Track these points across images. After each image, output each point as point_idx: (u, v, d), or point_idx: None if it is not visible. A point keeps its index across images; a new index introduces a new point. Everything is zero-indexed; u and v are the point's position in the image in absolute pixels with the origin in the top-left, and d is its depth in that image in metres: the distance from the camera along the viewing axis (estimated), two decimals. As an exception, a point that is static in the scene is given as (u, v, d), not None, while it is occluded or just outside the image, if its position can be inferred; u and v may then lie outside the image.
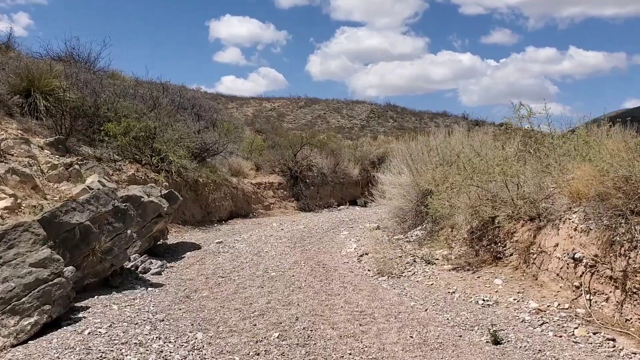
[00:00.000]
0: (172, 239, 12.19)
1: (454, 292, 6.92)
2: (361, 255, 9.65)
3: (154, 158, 13.90)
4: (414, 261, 8.41)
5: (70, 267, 6.32)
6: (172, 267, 9.34)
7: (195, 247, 11.38)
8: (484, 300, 6.48)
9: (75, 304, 6.42)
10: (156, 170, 14.16)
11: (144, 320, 5.85)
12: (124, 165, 13.72)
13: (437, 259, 8.44)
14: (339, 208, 21.07)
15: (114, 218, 7.64)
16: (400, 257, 8.75)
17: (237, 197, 17.26)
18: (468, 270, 7.70)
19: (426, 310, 6.26)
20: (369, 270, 8.51)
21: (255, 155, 21.10)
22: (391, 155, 23.53)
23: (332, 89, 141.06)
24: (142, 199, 10.02)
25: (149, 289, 7.54)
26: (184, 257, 10.30)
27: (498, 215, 7.77)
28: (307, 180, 20.62)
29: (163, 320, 5.94)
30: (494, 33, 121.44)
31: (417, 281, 7.62)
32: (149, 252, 10.29)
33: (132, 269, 8.64)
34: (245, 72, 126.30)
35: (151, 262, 9.28)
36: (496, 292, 6.74)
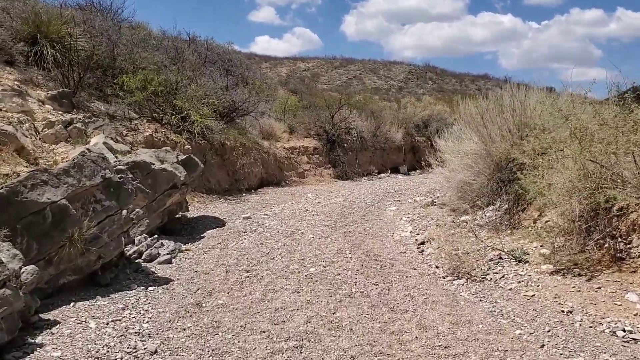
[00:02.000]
0: (193, 211, 10.32)
1: (570, 312, 4.78)
2: (422, 243, 7.55)
3: (174, 117, 11.92)
4: (499, 258, 6.27)
5: (31, 267, 4.41)
6: (187, 251, 7.43)
7: (218, 222, 9.47)
8: (624, 330, 4.34)
9: (42, 315, 4.55)
10: (177, 131, 12.21)
11: (127, 354, 3.92)
12: (140, 125, 11.83)
13: (529, 254, 6.28)
14: (379, 176, 18.92)
15: (104, 194, 5.68)
16: (478, 250, 6.61)
17: (269, 162, 15.26)
18: (579, 275, 5.53)
19: (543, 346, 4.15)
20: (437, 268, 6.41)
21: (289, 116, 18.98)
22: (453, 117, 21.21)
23: (368, 50, 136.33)
24: (153, 167, 8.10)
25: (150, 288, 5.63)
26: (203, 236, 8.39)
27: (617, 201, 5.58)
28: (345, 145, 18.46)
29: (156, 352, 4.00)
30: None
31: (510, 289, 5.49)
32: (162, 230, 8.44)
33: (134, 256, 6.75)
34: (280, 32, 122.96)
35: (162, 245, 7.40)
36: (636, 315, 4.59)
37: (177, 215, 9.39)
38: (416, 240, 7.81)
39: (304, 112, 19.35)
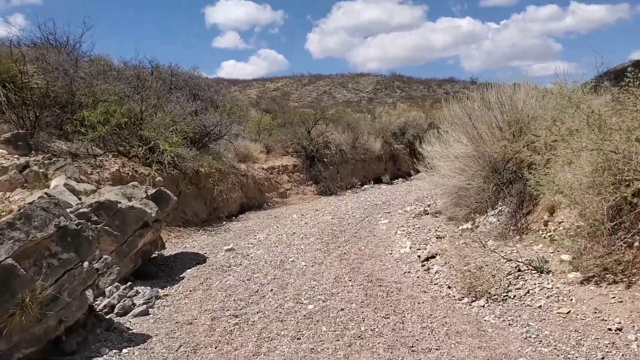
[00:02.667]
0: (171, 248, 9.44)
1: (620, 330, 4.04)
2: (426, 260, 6.78)
3: (141, 148, 11.04)
4: (518, 270, 5.52)
5: (-33, 350, 3.53)
6: (165, 296, 6.56)
7: (199, 258, 8.59)
8: (692, 350, 3.62)
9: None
10: (147, 163, 11.33)
11: None
12: (106, 160, 10.90)
13: (548, 262, 5.55)
14: (362, 188, 18.19)
15: (60, 246, 4.79)
16: (492, 262, 5.85)
17: (248, 186, 14.42)
18: (614, 282, 4.81)
19: (603, 380, 3.41)
20: (449, 288, 5.64)
21: (264, 136, 18.19)
22: (428, 122, 20.63)
23: (334, 65, 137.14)
24: (120, 205, 7.23)
25: (125, 350, 4.74)
26: (183, 277, 7.51)
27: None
28: (325, 160, 17.71)
29: None
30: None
31: (540, 307, 4.74)
32: (137, 275, 7.53)
33: (106, 310, 5.85)
34: (245, 56, 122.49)
35: (137, 293, 6.51)
36: (698, 326, 3.88)
37: (154, 255, 8.52)
38: (419, 257, 7.03)
39: (280, 130, 18.58)
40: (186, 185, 12.04)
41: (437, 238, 7.78)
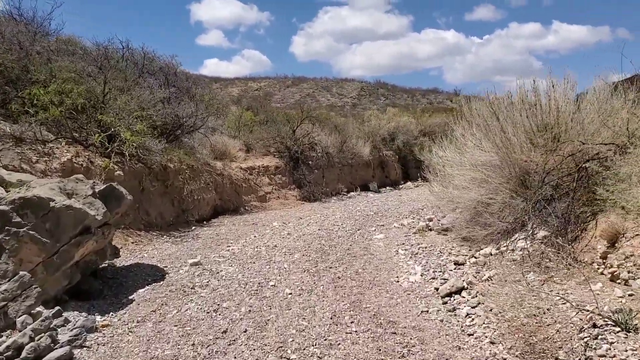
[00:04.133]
0: (126, 257, 7.72)
1: None
2: (449, 295, 5.16)
3: (97, 136, 9.24)
4: (593, 325, 3.93)
5: None
6: (103, 329, 4.84)
7: (157, 273, 6.87)
8: None
9: None
10: (106, 153, 9.54)
11: None
12: (57, 148, 9.10)
13: (632, 314, 3.99)
14: (349, 195, 16.59)
15: None
16: (551, 310, 4.25)
17: (223, 186, 12.69)
18: None
19: None
20: (493, 344, 4.00)
21: (244, 132, 16.48)
22: (418, 129, 19.14)
23: (318, 70, 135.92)
24: (53, 204, 5.51)
25: None
26: (132, 299, 5.79)
27: None
28: (310, 163, 16.07)
29: None
30: (477, 9, 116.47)
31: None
32: (73, 293, 5.79)
33: (9, 354, 4.10)
34: (229, 55, 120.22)
35: (65, 323, 4.80)
36: None
37: (103, 265, 6.82)
38: (436, 289, 5.41)
39: (262, 128, 16.88)
40: (151, 181, 10.28)
41: (455, 264, 6.17)
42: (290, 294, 5.56)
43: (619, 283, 4.70)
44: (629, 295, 4.40)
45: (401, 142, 20.11)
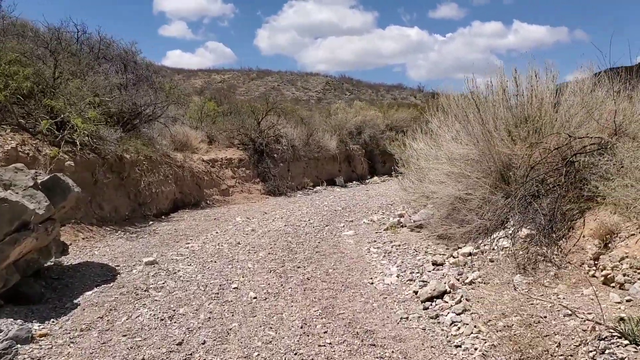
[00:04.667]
0: (75, 254, 7.02)
1: None
2: (430, 300, 4.68)
3: (45, 122, 8.43)
4: (599, 337, 3.50)
5: None
6: (40, 340, 4.18)
7: (107, 273, 6.19)
8: None
9: None
10: (56, 142, 8.75)
11: None
12: (0, 136, 8.28)
13: (633, 323, 3.59)
14: (315, 190, 16.06)
15: None
16: (547, 318, 3.81)
17: (184, 179, 11.98)
18: None
19: None
20: (484, 358, 3.54)
21: (207, 123, 15.72)
22: (385, 123, 18.76)
23: (282, 64, 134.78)
24: (-17, 196, 4.79)
25: None
26: (77, 303, 5.13)
27: None
28: (275, 156, 15.45)
29: None
30: (441, 7, 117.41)
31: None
32: (9, 297, 5.07)
33: None
34: (192, 47, 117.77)
35: (-7, 333, 4.12)
36: None
37: (49, 263, 6.12)
38: (415, 293, 4.93)
39: (225, 119, 16.16)
40: (105, 173, 9.51)
41: (433, 265, 5.72)
42: (255, 297, 4.99)
43: (614, 287, 4.33)
44: (627, 301, 4.02)
45: (368, 136, 19.70)
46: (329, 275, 5.83)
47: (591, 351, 3.26)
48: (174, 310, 4.73)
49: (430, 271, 5.51)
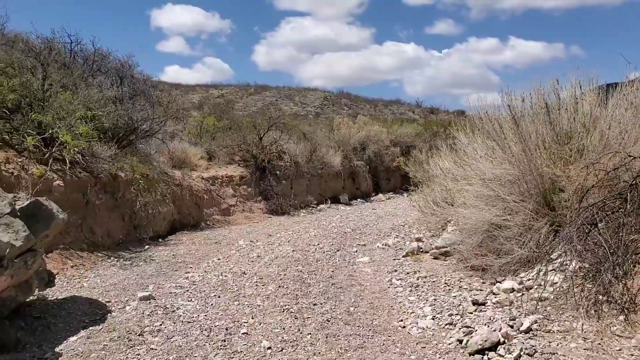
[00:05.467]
0: (63, 285, 6.26)
1: None
2: (481, 352, 3.88)
3: (32, 138, 7.64)
4: None
5: None
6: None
7: (96, 312, 5.38)
8: None
9: None
10: (44, 160, 7.97)
11: None
12: (-19, 153, 7.52)
13: None
14: (319, 208, 15.28)
15: None
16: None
17: (182, 198, 11.18)
18: None
19: None
20: None
21: (206, 139, 14.97)
22: (389, 139, 18.06)
23: (279, 79, 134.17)
24: (-54, 227, 3.98)
25: None
26: (60, 352, 4.31)
27: None
28: (278, 173, 14.68)
29: None
30: (437, 24, 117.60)
31: None
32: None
33: None
34: (190, 62, 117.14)
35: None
36: None
37: (32, 297, 5.35)
38: (460, 342, 4.12)
39: (226, 135, 15.40)
40: (97, 193, 8.72)
41: (474, 305, 4.91)
42: (270, 348, 4.17)
43: None
44: None
45: (372, 152, 18.96)
46: (351, 315, 5.02)
47: None
48: (174, 366, 3.91)
49: (472, 312, 4.71)
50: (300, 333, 4.50)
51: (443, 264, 6.66)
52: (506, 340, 3.90)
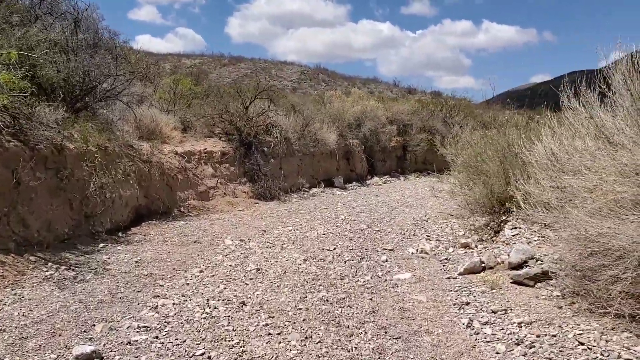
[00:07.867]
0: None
1: None
2: None
3: None
4: None
5: None
6: None
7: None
8: None
9: None
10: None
11: None
12: None
13: None
14: (311, 192, 12.95)
15: None
16: None
17: (151, 179, 8.68)
18: None
19: None
20: None
21: (181, 107, 12.37)
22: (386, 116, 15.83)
23: (253, 52, 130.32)
24: None
25: None
26: None
27: None
28: (265, 150, 12.24)
29: None
30: (413, 3, 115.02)
31: None
32: None
33: None
34: (162, 32, 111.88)
35: None
36: None
37: None
38: None
39: (204, 102, 12.82)
40: (34, 171, 6.17)
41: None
42: None
43: None
44: None
45: (368, 129, 16.63)
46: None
47: None
48: None
49: None
50: None
51: (540, 295, 4.44)
52: None
